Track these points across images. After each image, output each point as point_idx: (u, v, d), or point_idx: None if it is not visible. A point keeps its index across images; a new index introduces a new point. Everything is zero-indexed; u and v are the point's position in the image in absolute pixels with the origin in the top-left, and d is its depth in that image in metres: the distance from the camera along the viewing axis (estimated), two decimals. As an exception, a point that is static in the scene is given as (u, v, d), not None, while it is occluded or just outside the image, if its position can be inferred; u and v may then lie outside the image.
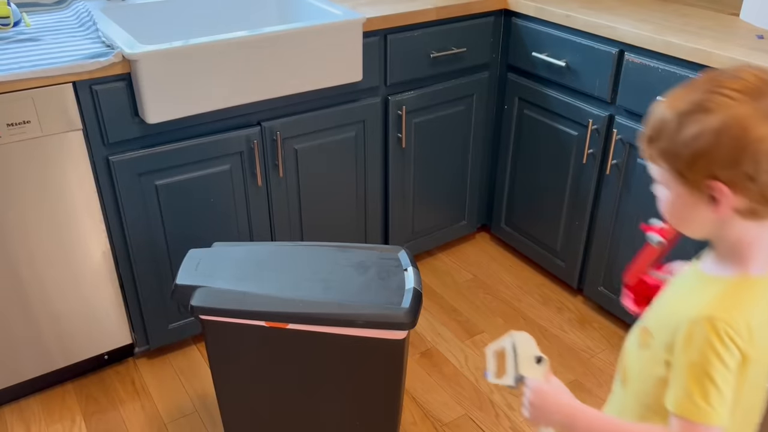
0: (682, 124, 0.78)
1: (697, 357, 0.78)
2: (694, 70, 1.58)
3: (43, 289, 1.63)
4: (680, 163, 0.79)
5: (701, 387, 0.78)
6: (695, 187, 0.79)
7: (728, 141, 0.74)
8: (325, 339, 1.29)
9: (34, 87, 1.42)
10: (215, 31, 1.66)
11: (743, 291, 0.82)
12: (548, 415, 0.90)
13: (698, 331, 0.78)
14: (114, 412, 1.77)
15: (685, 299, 0.86)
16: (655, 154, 0.82)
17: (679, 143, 0.78)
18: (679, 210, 0.84)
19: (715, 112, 0.75)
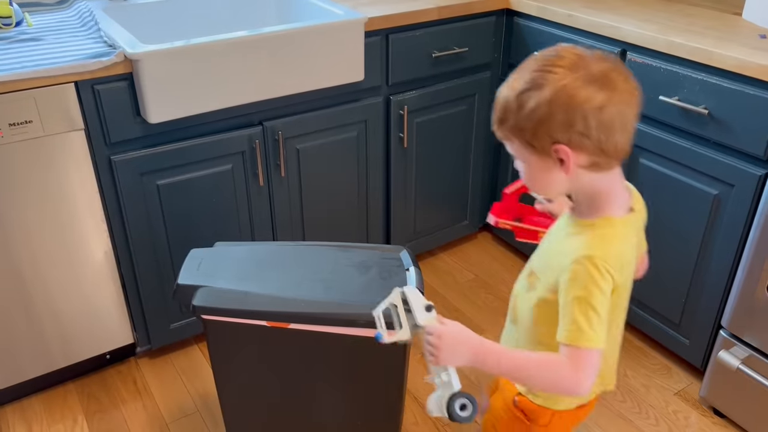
0: (522, 101, 0.90)
1: (581, 291, 0.91)
2: (697, 70, 1.58)
3: (45, 288, 1.64)
4: (527, 135, 0.91)
5: (586, 316, 0.91)
6: (544, 153, 0.91)
7: (560, 107, 0.87)
8: (326, 339, 1.29)
9: (36, 87, 1.42)
10: (217, 30, 1.66)
11: (611, 231, 0.96)
12: (459, 354, 0.93)
13: (580, 269, 0.91)
14: (116, 411, 1.77)
15: (564, 244, 0.98)
16: (506, 132, 0.94)
17: (522, 118, 0.90)
18: (537, 177, 0.96)
19: (546, 86, 0.88)
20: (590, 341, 0.91)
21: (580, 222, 0.99)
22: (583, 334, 0.91)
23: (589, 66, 0.88)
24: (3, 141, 1.43)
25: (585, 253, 0.92)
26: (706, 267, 1.70)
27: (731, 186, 1.59)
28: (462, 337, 0.94)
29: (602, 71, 0.88)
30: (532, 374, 0.95)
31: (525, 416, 1.13)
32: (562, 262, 0.95)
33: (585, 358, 0.92)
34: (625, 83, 0.89)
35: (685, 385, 1.87)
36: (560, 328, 0.94)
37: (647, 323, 1.93)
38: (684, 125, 1.64)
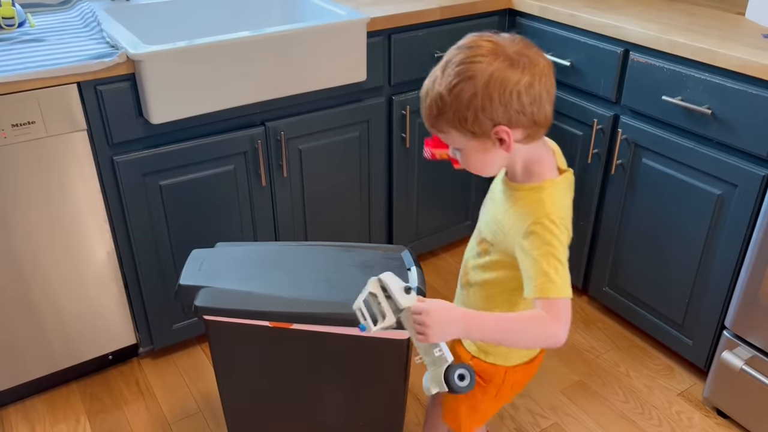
0: (457, 94, 0.96)
1: (546, 246, 0.98)
2: (700, 70, 1.58)
3: (48, 289, 1.64)
4: (468, 124, 0.97)
5: (554, 268, 0.97)
6: (484, 137, 0.99)
7: (495, 92, 0.95)
8: (328, 339, 1.28)
9: (39, 87, 1.42)
10: (219, 31, 1.66)
11: (556, 191, 1.05)
12: (449, 328, 0.96)
13: (540, 228, 0.99)
14: (118, 412, 1.77)
15: (515, 209, 1.05)
16: (444, 126, 1.00)
17: (461, 108, 0.96)
18: (479, 161, 1.03)
19: (476, 76, 0.95)
20: (561, 291, 0.98)
21: (524, 187, 1.06)
22: (554, 284, 0.97)
23: (506, 50, 0.96)
24: (6, 142, 1.43)
25: (543, 213, 1.00)
26: (710, 267, 1.70)
27: (734, 186, 1.58)
28: (448, 311, 0.97)
29: (519, 52, 0.97)
30: (516, 333, 1.00)
31: (480, 378, 1.20)
32: (518, 225, 1.02)
33: (561, 307, 0.98)
34: (542, 58, 0.99)
35: (688, 385, 1.87)
36: (529, 285, 0.99)
37: (650, 323, 1.93)
38: (687, 125, 1.64)
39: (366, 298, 1.01)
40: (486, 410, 1.30)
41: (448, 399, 1.30)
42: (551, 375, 1.90)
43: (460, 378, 0.94)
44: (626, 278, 1.96)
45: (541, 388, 1.86)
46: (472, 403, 1.26)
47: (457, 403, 1.28)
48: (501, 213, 1.09)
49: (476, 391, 1.20)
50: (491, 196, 1.16)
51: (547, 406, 1.80)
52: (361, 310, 1.01)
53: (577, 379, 1.89)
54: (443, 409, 1.33)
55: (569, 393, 1.85)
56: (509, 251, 1.05)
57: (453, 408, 1.29)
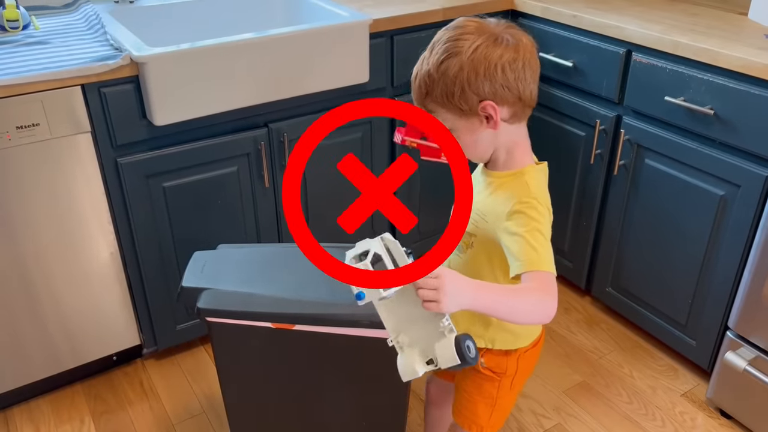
0: (444, 70, 0.99)
1: (532, 222, 1.00)
2: (702, 70, 1.58)
3: (52, 290, 1.64)
4: (455, 99, 1.00)
5: (540, 242, 1.00)
6: (471, 113, 1.01)
7: (480, 65, 0.98)
8: (331, 340, 1.29)
9: (43, 90, 1.43)
10: (222, 33, 1.67)
11: (539, 176, 1.08)
12: (462, 295, 0.90)
13: (525, 207, 1.01)
14: (122, 412, 1.78)
15: (498, 195, 1.07)
16: (433, 104, 1.02)
17: (449, 84, 0.99)
18: (466, 140, 1.04)
19: (462, 52, 0.98)
20: (548, 265, 0.99)
21: (504, 174, 1.09)
22: (541, 258, 0.99)
23: (491, 29, 1.00)
24: (11, 144, 1.44)
25: (526, 193, 1.03)
26: (713, 268, 1.70)
27: (737, 186, 1.58)
28: (460, 277, 0.91)
29: (504, 31, 1.00)
30: (517, 304, 0.97)
31: (494, 373, 1.20)
32: (500, 209, 1.05)
33: (549, 280, 0.98)
34: (525, 37, 1.02)
35: (691, 386, 1.87)
36: (516, 262, 1.00)
37: (653, 324, 1.93)
38: (690, 126, 1.64)
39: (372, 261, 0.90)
40: (506, 405, 1.27)
41: (461, 404, 1.28)
42: (554, 375, 1.90)
43: (468, 349, 0.85)
44: (629, 279, 1.96)
45: (544, 388, 1.86)
46: (490, 401, 1.23)
47: (473, 405, 1.26)
48: (480, 202, 1.11)
49: (491, 388, 1.21)
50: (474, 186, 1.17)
51: (550, 406, 1.80)
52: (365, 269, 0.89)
53: (581, 379, 1.89)
54: (459, 417, 1.30)
55: (572, 394, 1.84)
56: (490, 237, 1.07)
57: (470, 411, 1.27)
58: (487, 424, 1.27)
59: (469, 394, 1.25)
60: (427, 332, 0.90)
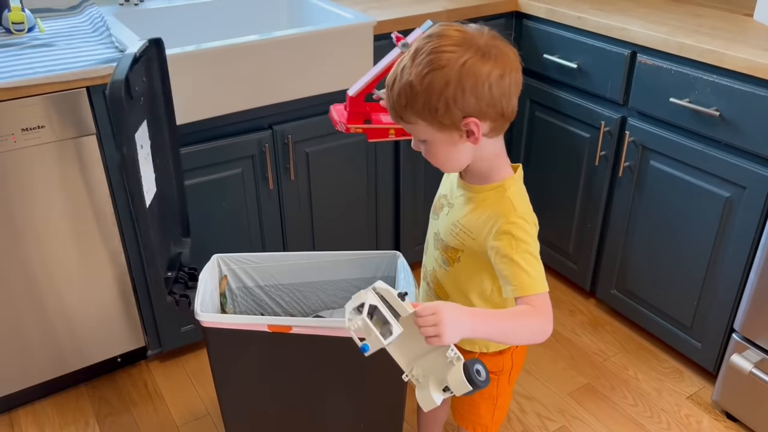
0: (428, 84, 0.94)
1: (522, 245, 1.00)
2: (707, 71, 1.57)
3: (57, 292, 1.65)
4: (438, 114, 0.96)
5: (532, 266, 0.99)
6: (453, 129, 0.98)
7: (468, 83, 0.94)
8: (328, 342, 1.28)
9: (49, 92, 1.43)
10: (227, 35, 1.67)
11: (519, 187, 1.08)
12: (461, 325, 0.91)
13: (514, 227, 1.01)
14: (127, 414, 1.78)
15: (480, 211, 1.06)
16: (412, 116, 0.98)
17: (433, 99, 0.95)
18: (443, 152, 1.02)
19: (447, 66, 0.93)
20: (543, 286, 1.00)
21: (485, 188, 1.07)
22: (535, 281, 0.99)
23: (476, 40, 0.96)
24: (16, 146, 1.44)
25: (512, 212, 1.03)
26: (718, 270, 1.69)
27: (743, 188, 1.57)
28: (456, 308, 0.92)
29: (489, 44, 0.96)
30: (515, 328, 0.99)
31: (492, 373, 1.18)
32: (487, 227, 1.04)
33: (545, 302, 0.99)
34: (511, 51, 0.98)
35: (697, 388, 1.86)
36: (508, 285, 1.00)
37: (659, 326, 1.92)
38: (695, 127, 1.63)
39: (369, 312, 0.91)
40: (506, 400, 1.29)
41: (463, 408, 1.29)
42: (559, 378, 1.90)
43: (478, 373, 0.89)
44: (634, 281, 1.95)
45: (548, 391, 1.86)
46: (492, 401, 1.25)
47: (475, 408, 1.27)
48: (463, 218, 1.09)
49: (491, 387, 1.22)
50: (445, 202, 1.16)
51: (555, 409, 1.80)
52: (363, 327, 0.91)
53: (585, 382, 1.89)
54: (463, 421, 1.31)
55: (577, 396, 1.84)
56: (478, 252, 1.06)
57: (473, 414, 1.28)
58: (491, 422, 1.29)
59: (471, 398, 1.24)
60: (437, 363, 0.93)
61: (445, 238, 1.13)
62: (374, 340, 0.90)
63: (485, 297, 1.13)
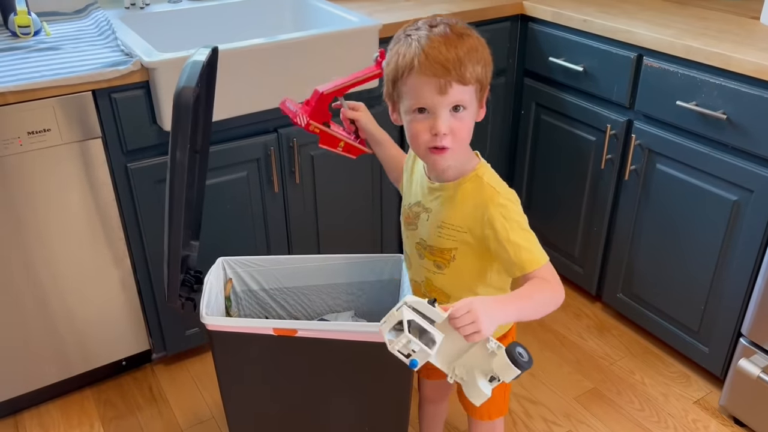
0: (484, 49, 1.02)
1: (514, 223, 1.02)
2: (714, 74, 1.56)
3: (62, 295, 1.65)
4: (485, 82, 1.02)
5: (530, 241, 1.03)
6: (482, 95, 1.03)
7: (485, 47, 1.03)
8: (333, 345, 1.28)
9: (55, 95, 1.43)
10: (232, 38, 1.67)
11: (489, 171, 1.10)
12: (494, 316, 0.93)
13: (502, 210, 1.03)
14: (132, 417, 1.78)
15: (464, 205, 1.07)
16: (472, 77, 0.99)
17: (487, 64, 1.02)
18: (470, 127, 1.04)
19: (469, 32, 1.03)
20: (542, 258, 1.03)
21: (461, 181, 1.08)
22: (533, 254, 1.02)
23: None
24: (22, 149, 1.45)
25: (498, 196, 1.05)
26: (726, 273, 1.68)
27: (750, 192, 1.57)
28: (483, 301, 0.93)
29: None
30: (537, 304, 1.00)
31: None
32: (474, 219, 1.06)
33: (550, 271, 1.02)
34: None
35: (704, 393, 1.85)
36: (513, 266, 1.02)
37: (665, 331, 1.91)
38: (702, 130, 1.63)
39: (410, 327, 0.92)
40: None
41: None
42: (565, 382, 1.89)
43: (521, 355, 0.91)
44: (641, 285, 1.94)
45: (554, 395, 1.85)
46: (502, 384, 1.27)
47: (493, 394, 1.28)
48: (448, 217, 1.10)
49: None
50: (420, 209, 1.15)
51: (561, 413, 1.79)
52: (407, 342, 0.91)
53: (592, 386, 1.88)
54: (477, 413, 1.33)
55: (583, 400, 1.83)
56: (472, 243, 1.08)
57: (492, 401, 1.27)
58: (504, 403, 1.33)
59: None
60: (479, 357, 0.95)
61: (434, 243, 1.13)
62: (421, 354, 0.92)
63: (489, 284, 1.14)
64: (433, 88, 0.97)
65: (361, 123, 1.29)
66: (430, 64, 0.96)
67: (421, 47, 0.97)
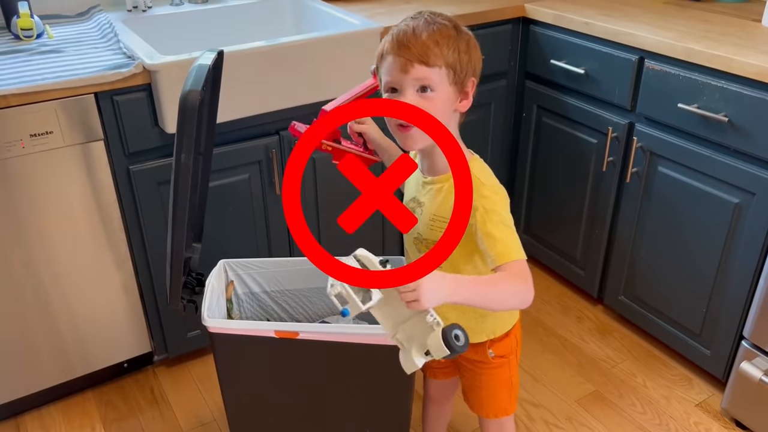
0: (462, 32, 1.04)
1: (496, 216, 1.03)
2: (716, 77, 1.56)
3: (64, 297, 1.65)
4: (462, 63, 1.02)
5: (508, 235, 1.03)
6: (459, 85, 1.04)
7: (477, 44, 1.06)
8: (334, 348, 1.28)
9: (57, 98, 1.44)
10: (234, 41, 1.67)
11: (480, 165, 1.10)
12: (440, 290, 0.92)
13: (486, 201, 1.04)
14: (133, 420, 1.78)
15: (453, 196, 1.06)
16: (438, 59, 1.00)
17: (462, 45, 1.02)
18: (443, 110, 1.03)
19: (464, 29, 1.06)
20: (517, 253, 1.02)
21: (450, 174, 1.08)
22: (510, 249, 1.02)
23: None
24: (24, 151, 1.45)
25: (482, 187, 1.05)
26: (727, 276, 1.68)
27: (752, 194, 1.56)
28: (436, 273, 0.93)
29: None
30: (495, 293, 0.99)
31: (503, 357, 1.25)
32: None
33: (524, 268, 1.01)
34: None
35: (706, 396, 1.84)
36: (488, 258, 1.03)
37: (667, 333, 1.91)
38: (703, 133, 1.63)
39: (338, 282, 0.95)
40: (517, 380, 1.33)
41: (481, 397, 1.32)
42: (566, 385, 1.89)
43: (456, 338, 0.91)
44: (642, 287, 1.94)
45: (556, 398, 1.84)
46: (508, 383, 1.29)
47: (494, 395, 1.31)
48: (438, 208, 1.11)
49: (505, 372, 1.27)
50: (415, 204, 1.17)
51: (563, 416, 1.79)
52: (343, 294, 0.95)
53: (593, 389, 1.87)
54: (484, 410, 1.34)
55: (585, 403, 1.83)
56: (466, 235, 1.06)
57: (495, 401, 1.32)
58: (510, 403, 1.32)
59: (489, 388, 1.30)
60: (420, 328, 0.95)
61: (428, 236, 1.14)
62: (354, 306, 0.94)
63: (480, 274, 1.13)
64: (398, 65, 1.01)
65: (368, 135, 1.28)
66: (396, 44, 1.02)
67: (394, 33, 1.04)
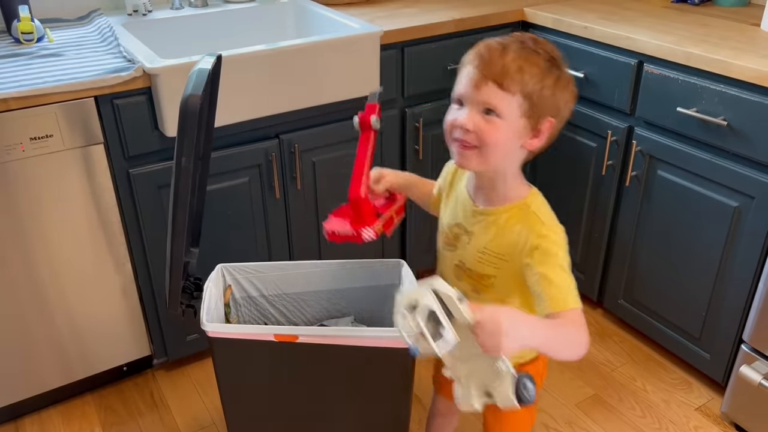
0: (552, 65, 0.97)
1: (553, 260, 0.99)
2: (715, 81, 1.57)
3: (64, 300, 1.65)
4: (539, 102, 0.96)
5: (563, 279, 0.98)
6: (532, 121, 0.97)
7: (573, 93, 1.01)
8: (334, 351, 1.28)
9: (57, 101, 1.44)
10: (234, 45, 1.67)
11: (539, 201, 1.06)
12: (520, 338, 0.86)
13: (545, 242, 0.99)
14: (133, 423, 1.78)
15: (507, 232, 1.03)
16: (514, 85, 0.94)
17: (546, 88, 0.96)
18: (504, 140, 0.98)
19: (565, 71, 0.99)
20: (573, 302, 0.97)
21: (507, 208, 1.05)
22: (566, 296, 0.97)
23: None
24: (24, 155, 1.45)
25: (540, 226, 1.01)
26: (727, 280, 1.68)
27: (751, 198, 1.57)
28: (515, 314, 0.87)
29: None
30: (561, 337, 0.95)
31: None
32: (517, 247, 1.02)
33: (581, 318, 0.97)
34: None
35: (706, 400, 1.84)
36: (542, 303, 0.98)
37: (667, 337, 1.91)
38: (703, 137, 1.63)
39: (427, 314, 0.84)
40: (536, 405, 1.32)
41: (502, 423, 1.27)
42: (566, 388, 1.88)
43: (525, 387, 0.85)
44: (642, 291, 1.94)
45: (556, 401, 1.84)
46: (530, 410, 1.26)
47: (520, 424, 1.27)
48: (490, 242, 1.06)
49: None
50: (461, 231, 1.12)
51: (563, 420, 1.79)
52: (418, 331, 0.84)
53: (593, 392, 1.87)
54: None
55: (585, 407, 1.83)
56: (517, 272, 1.03)
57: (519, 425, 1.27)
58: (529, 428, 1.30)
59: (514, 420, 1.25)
60: (485, 368, 0.88)
61: (475, 268, 1.10)
62: (427, 348, 0.85)
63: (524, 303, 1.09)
64: (471, 79, 0.97)
65: (394, 187, 1.27)
66: (478, 56, 0.98)
67: (482, 44, 0.99)
